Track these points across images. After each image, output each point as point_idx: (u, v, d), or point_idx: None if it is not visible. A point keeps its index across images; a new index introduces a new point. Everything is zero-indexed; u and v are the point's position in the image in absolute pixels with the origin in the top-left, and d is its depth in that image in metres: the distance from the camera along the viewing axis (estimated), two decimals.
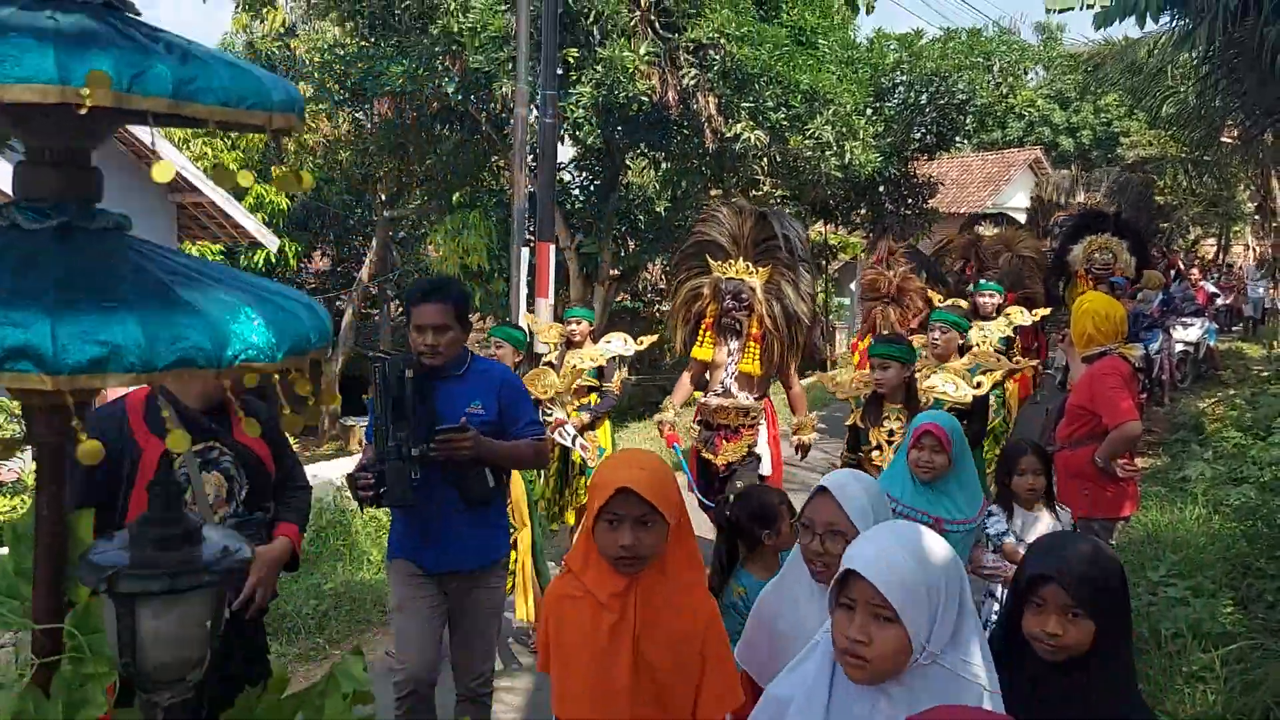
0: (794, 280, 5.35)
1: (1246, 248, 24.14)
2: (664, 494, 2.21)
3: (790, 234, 5.41)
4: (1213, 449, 7.76)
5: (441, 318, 3.38)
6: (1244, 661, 4.43)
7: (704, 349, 5.38)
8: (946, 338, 5.84)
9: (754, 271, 5.30)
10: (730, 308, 5.24)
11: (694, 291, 5.52)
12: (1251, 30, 7.97)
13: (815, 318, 5.77)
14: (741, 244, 5.41)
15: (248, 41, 18.47)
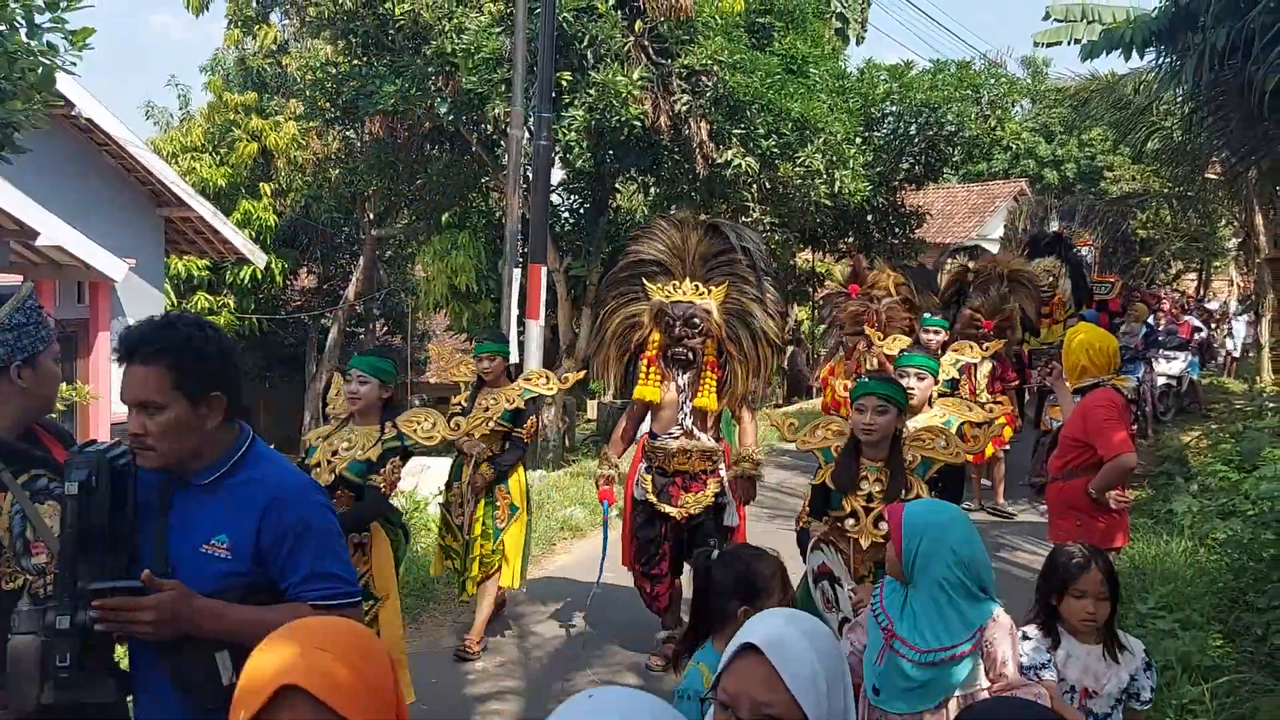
0: (759, 296, 4.76)
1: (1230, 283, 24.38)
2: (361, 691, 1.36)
3: (749, 245, 4.81)
4: (1198, 482, 7.79)
5: (149, 389, 2.03)
6: (1233, 695, 4.43)
7: (650, 387, 4.70)
8: (924, 385, 4.80)
9: (706, 291, 4.69)
10: (681, 335, 4.63)
11: (630, 321, 4.86)
12: (1238, 69, 8.08)
13: (788, 337, 5.35)
14: (687, 261, 4.79)
15: (239, 58, 18.48)
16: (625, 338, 4.88)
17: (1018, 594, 6.73)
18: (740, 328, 4.71)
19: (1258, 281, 15.50)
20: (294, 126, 17.10)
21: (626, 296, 4.90)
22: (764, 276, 4.79)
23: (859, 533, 3.72)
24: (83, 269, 10.16)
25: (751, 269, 4.76)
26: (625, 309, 4.89)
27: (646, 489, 4.76)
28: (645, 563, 4.91)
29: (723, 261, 4.76)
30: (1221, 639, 5.00)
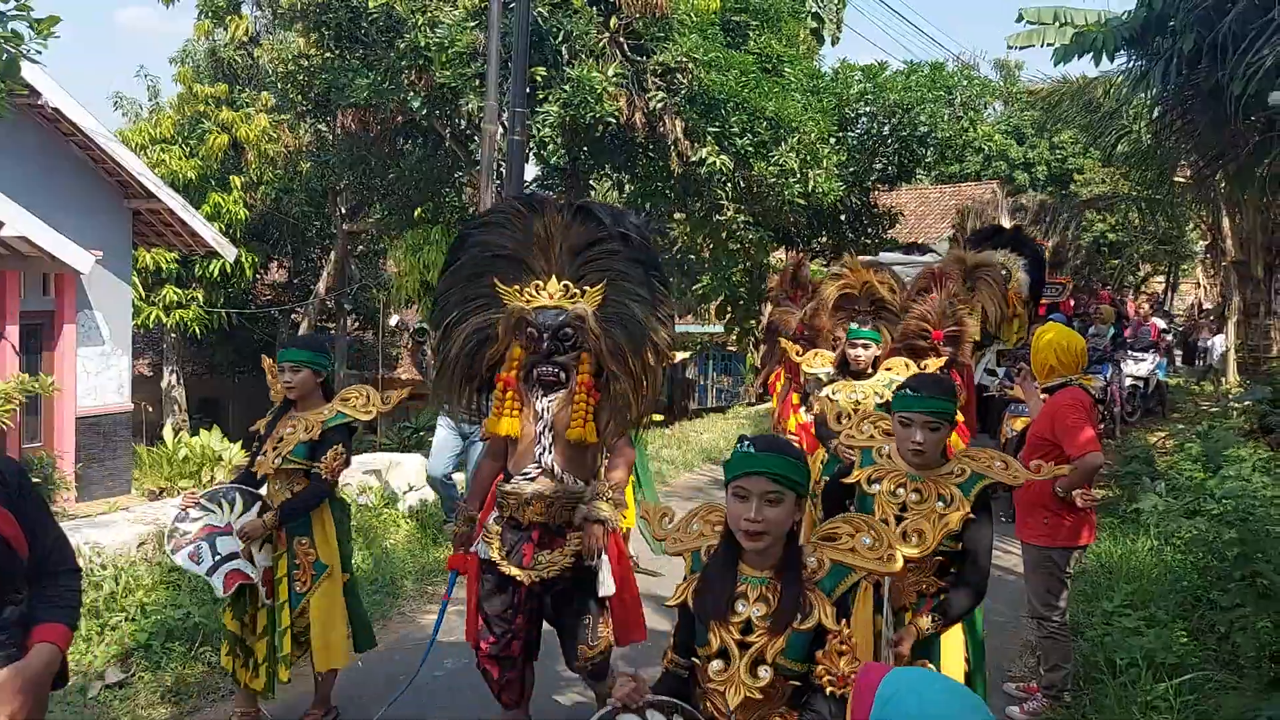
0: (646, 297, 3.70)
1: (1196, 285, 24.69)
2: None
3: (629, 231, 3.73)
4: (1165, 482, 7.87)
5: None
6: (1197, 692, 4.48)
7: (508, 418, 3.66)
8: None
9: (579, 292, 3.66)
10: (549, 351, 3.62)
11: (480, 334, 3.79)
12: (1206, 73, 8.18)
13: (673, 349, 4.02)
14: (553, 255, 3.73)
15: (210, 49, 18.28)
16: (474, 356, 3.80)
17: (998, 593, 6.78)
18: (624, 337, 3.65)
19: (1224, 284, 15.70)
20: (265, 119, 16.94)
21: (474, 302, 3.82)
22: (651, 271, 3.77)
23: (725, 683, 2.44)
24: (48, 261, 10.02)
25: (636, 263, 3.72)
26: (473, 318, 3.80)
27: (491, 546, 3.67)
28: (493, 642, 3.76)
29: (598, 254, 3.71)
30: (1186, 636, 5.05)
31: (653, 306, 3.71)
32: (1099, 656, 5.04)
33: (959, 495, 3.17)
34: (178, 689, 4.65)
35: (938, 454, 3.25)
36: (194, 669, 4.82)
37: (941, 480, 3.21)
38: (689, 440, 12.84)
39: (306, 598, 4.16)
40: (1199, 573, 5.95)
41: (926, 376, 3.92)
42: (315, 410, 4.20)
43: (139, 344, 17.70)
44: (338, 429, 4.16)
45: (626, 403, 3.67)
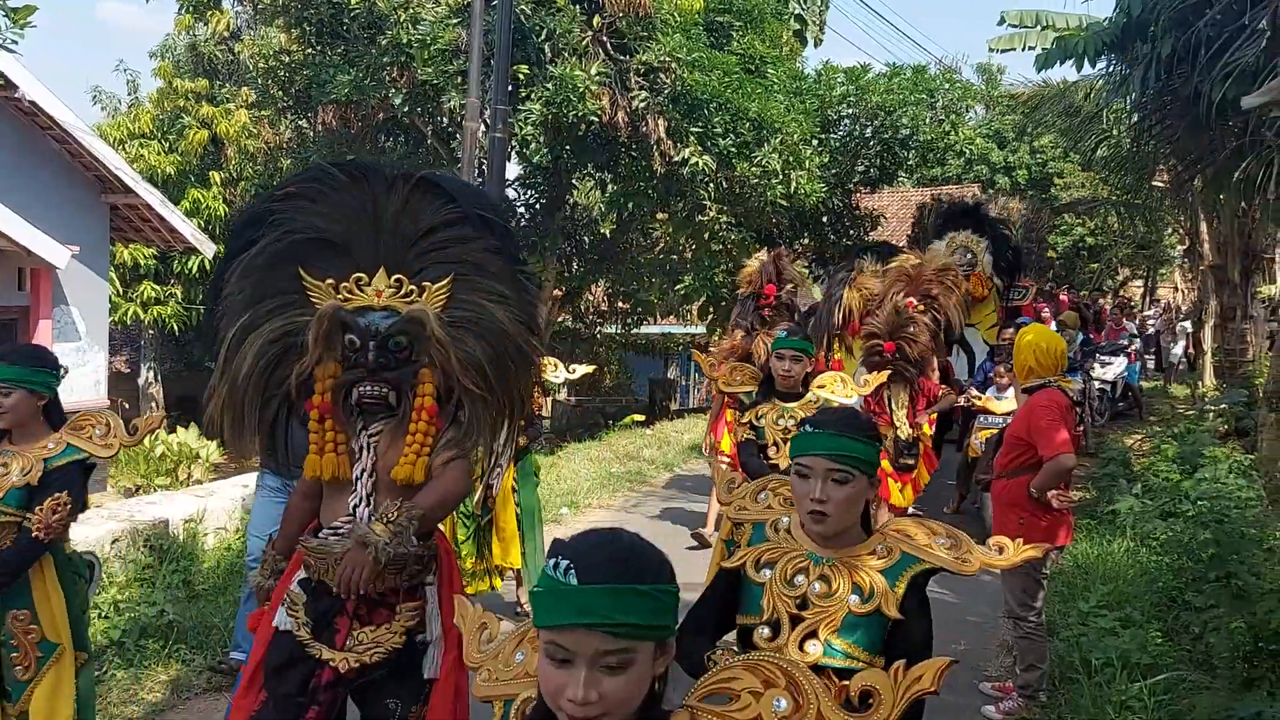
0: (509, 296, 2.93)
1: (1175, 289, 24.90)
2: None
3: (491, 213, 3.00)
4: (1141, 484, 7.93)
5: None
6: (1171, 692, 4.51)
7: (330, 455, 2.85)
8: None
9: (416, 289, 2.85)
10: (375, 365, 2.79)
11: (279, 344, 2.90)
12: (1185, 78, 8.25)
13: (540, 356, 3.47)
14: (382, 240, 2.89)
15: (191, 44, 18.14)
16: (273, 371, 2.91)
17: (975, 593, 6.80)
18: (480, 347, 2.87)
19: (1201, 289, 15.83)
20: (246, 114, 16.83)
21: (272, 300, 2.90)
22: (511, 260, 2.99)
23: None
24: (23, 255, 9.92)
25: (497, 253, 2.95)
26: (271, 322, 2.89)
27: (297, 617, 2.81)
28: None
29: (445, 241, 2.91)
30: (1161, 637, 5.09)
31: (519, 309, 2.93)
32: (1075, 656, 5.07)
33: (882, 586, 2.29)
34: (151, 687, 4.62)
35: (850, 520, 2.35)
36: (169, 667, 4.78)
37: (858, 564, 2.33)
38: (669, 440, 12.85)
39: (31, 687, 3.25)
40: (1174, 574, 6.00)
41: (834, 410, 2.97)
42: (37, 444, 3.27)
43: (116, 341, 17.54)
44: (65, 469, 3.25)
45: (480, 432, 2.92)
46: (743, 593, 2.39)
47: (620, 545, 1.43)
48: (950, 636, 5.96)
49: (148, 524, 5.74)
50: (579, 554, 1.39)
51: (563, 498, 9.02)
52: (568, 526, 8.36)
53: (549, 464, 10.70)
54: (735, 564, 2.45)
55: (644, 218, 13.80)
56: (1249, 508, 5.58)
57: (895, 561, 2.30)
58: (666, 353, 24.80)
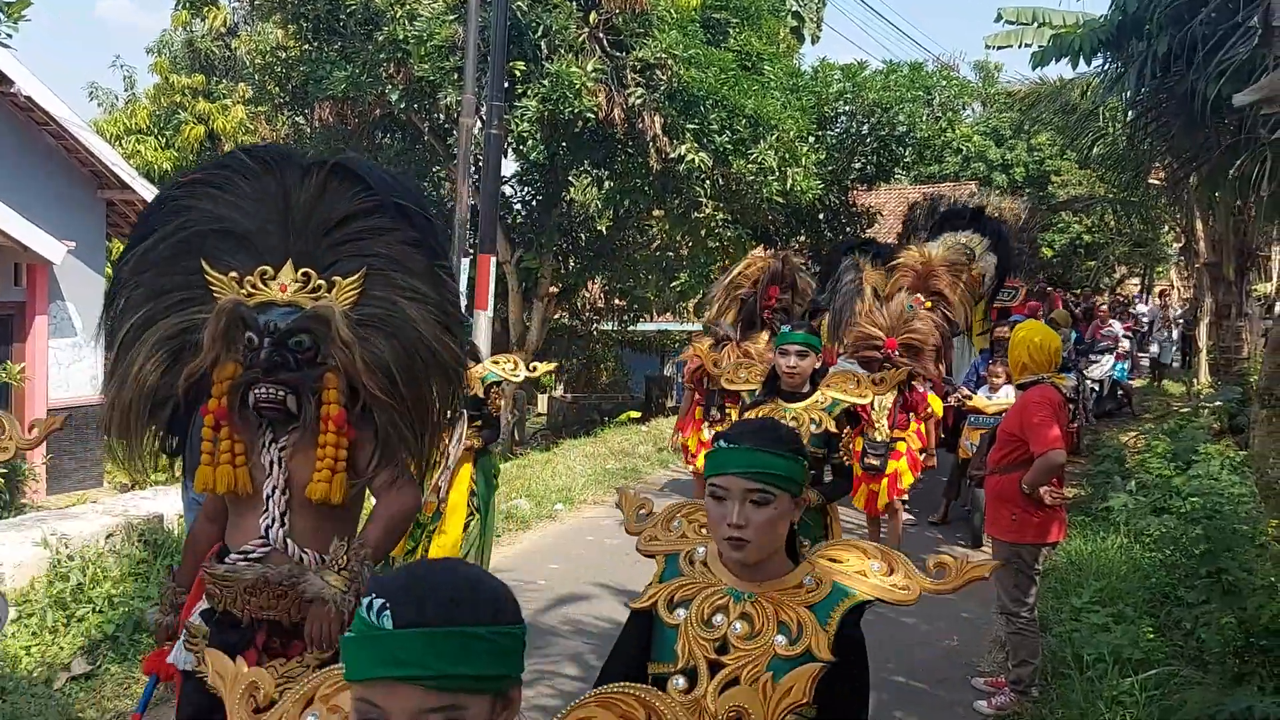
0: (427, 295, 2.65)
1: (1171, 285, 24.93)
2: None
3: (410, 203, 2.69)
4: (1135, 480, 7.95)
5: None
6: (1162, 687, 4.52)
7: (225, 468, 2.55)
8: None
9: (325, 284, 2.57)
10: (272, 366, 2.48)
11: (176, 342, 2.64)
12: (1180, 76, 8.26)
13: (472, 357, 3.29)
14: (291, 231, 2.62)
15: (187, 40, 18.14)
16: (168, 371, 2.63)
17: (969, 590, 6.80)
18: (391, 350, 2.58)
19: (1197, 286, 15.86)
20: (242, 110, 16.84)
21: (171, 296, 2.65)
22: (430, 254, 2.71)
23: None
24: (19, 250, 9.92)
25: (415, 247, 2.66)
26: (168, 319, 2.64)
27: (197, 651, 2.50)
28: None
29: (358, 232, 2.64)
30: (1153, 633, 5.11)
31: (439, 309, 2.66)
32: (1066, 652, 5.09)
33: (812, 624, 1.95)
34: (144, 681, 4.62)
35: (772, 545, 1.97)
36: None
37: (785, 598, 1.98)
38: (665, 437, 12.86)
39: None
40: (1167, 570, 6.01)
41: (751, 422, 2.66)
42: None
43: None
44: None
45: (398, 443, 2.63)
46: (655, 637, 2.01)
47: (448, 580, 1.17)
48: (943, 633, 5.99)
49: (142, 519, 5.74)
50: (396, 591, 1.13)
51: (558, 494, 9.02)
52: (562, 523, 8.37)
53: (543, 460, 10.71)
54: (644, 604, 2.06)
55: (640, 215, 13.80)
56: (1241, 504, 5.60)
57: (826, 595, 1.93)
58: (663, 350, 24.77)
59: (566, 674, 4.99)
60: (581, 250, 14.52)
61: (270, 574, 2.49)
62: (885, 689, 5.05)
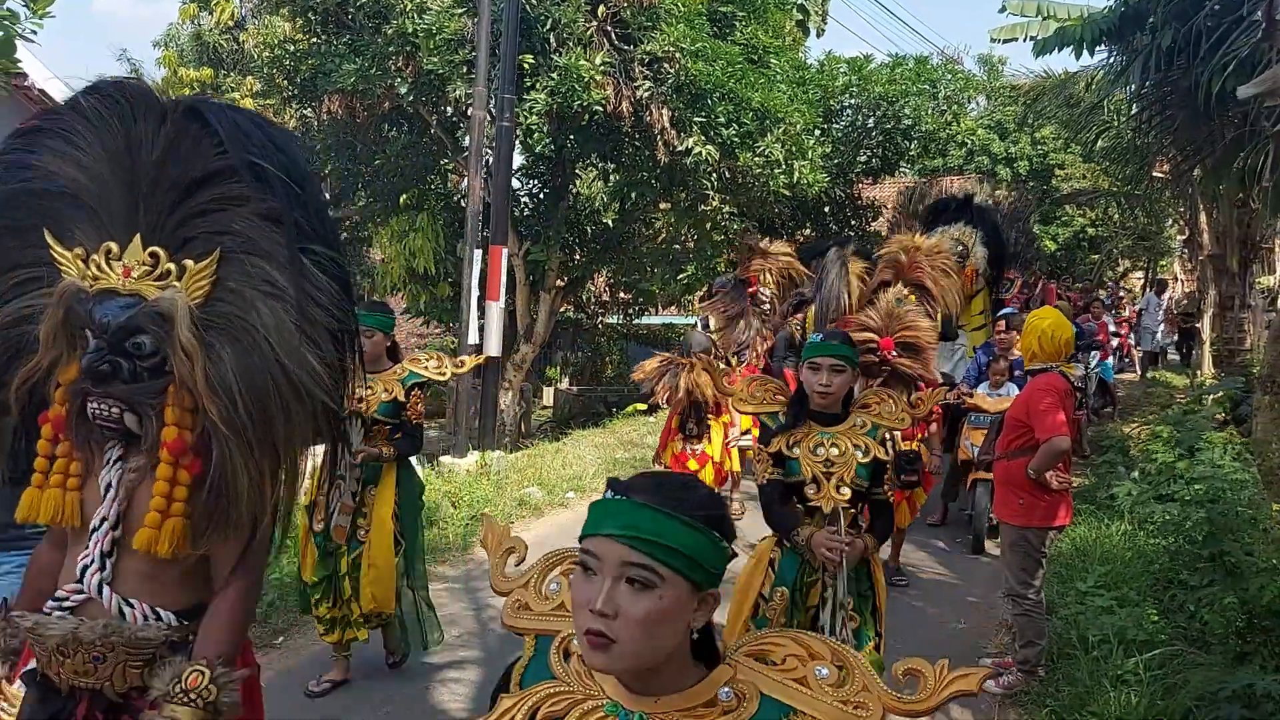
0: (275, 284, 2.02)
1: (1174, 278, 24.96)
2: None
3: (270, 159, 2.03)
4: (1139, 469, 8.04)
5: None
6: (1166, 667, 4.63)
7: (54, 490, 2.06)
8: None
9: (175, 269, 2.00)
10: (98, 375, 1.97)
11: (18, 326, 2.10)
12: (1185, 69, 8.34)
13: None
14: (137, 197, 2.03)
15: (195, 33, 18.21)
16: (7, 368, 2.11)
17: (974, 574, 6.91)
18: (235, 365, 1.99)
19: (1200, 279, 15.92)
20: (250, 104, 16.90)
21: (18, 272, 2.11)
22: (299, 230, 2.03)
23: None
24: None
25: (272, 221, 2.02)
26: (10, 303, 2.11)
27: None
28: None
29: (215, 200, 2.02)
30: (1156, 615, 5.21)
31: (298, 311, 1.99)
32: (1072, 634, 5.19)
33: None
34: None
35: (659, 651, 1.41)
36: None
37: None
38: None
39: None
40: (1170, 556, 6.10)
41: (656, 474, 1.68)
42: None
43: None
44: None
45: (238, 486, 1.98)
46: None
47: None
48: (950, 615, 6.09)
49: None
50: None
51: (569, 482, 9.14)
52: (575, 510, 8.48)
53: (553, 450, 10.81)
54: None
55: (646, 207, 13.88)
56: (1243, 490, 5.68)
57: (751, 717, 1.42)
58: (668, 343, 24.85)
59: None
60: (588, 243, 14.60)
61: (82, 631, 1.95)
62: (894, 669, 5.16)
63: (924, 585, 6.71)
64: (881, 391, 3.81)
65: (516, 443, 12.96)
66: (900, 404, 3.72)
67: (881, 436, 3.58)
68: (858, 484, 3.50)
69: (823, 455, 3.53)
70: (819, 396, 3.56)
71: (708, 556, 1.38)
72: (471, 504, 7.89)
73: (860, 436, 3.56)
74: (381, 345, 4.50)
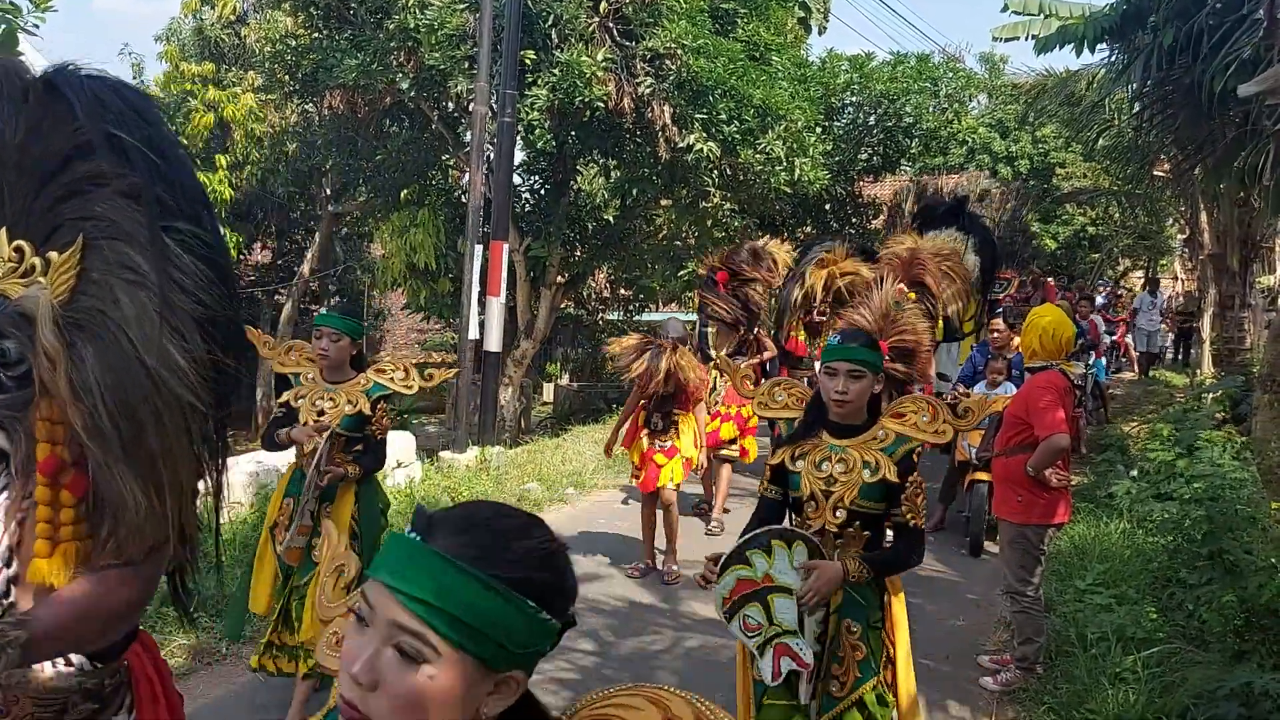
0: (141, 270, 1.73)
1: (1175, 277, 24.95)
2: None
3: (124, 119, 1.79)
4: (1139, 467, 8.04)
5: None
6: (1164, 665, 4.64)
7: None
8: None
9: (38, 263, 1.74)
10: None
11: None
12: (1186, 68, 8.34)
13: None
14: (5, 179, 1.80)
15: (197, 28, 18.18)
16: None
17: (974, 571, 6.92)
18: (99, 369, 1.72)
19: (1200, 278, 15.92)
20: (252, 98, 16.88)
21: None
22: (161, 207, 1.79)
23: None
24: None
25: (131, 200, 1.78)
26: None
27: None
28: None
29: (78, 181, 1.80)
30: (1155, 613, 5.21)
31: (161, 300, 1.73)
32: (1070, 631, 5.20)
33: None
34: (173, 651, 4.74)
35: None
36: (189, 634, 4.91)
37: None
38: None
39: None
40: (1169, 554, 6.11)
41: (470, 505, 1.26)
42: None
43: None
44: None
45: (124, 504, 1.73)
46: None
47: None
48: (949, 612, 6.10)
49: None
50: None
51: (568, 478, 9.15)
52: (574, 506, 8.49)
53: (553, 446, 10.82)
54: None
55: (648, 204, 13.87)
56: (1243, 488, 5.69)
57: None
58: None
59: (582, 649, 5.14)
60: (589, 239, 14.61)
61: None
62: None
63: (922, 582, 6.71)
64: (921, 399, 3.35)
65: (516, 439, 12.97)
66: (942, 413, 3.22)
67: (906, 452, 3.12)
68: (860, 506, 3.08)
69: (826, 471, 3.14)
70: (835, 405, 3.17)
71: (513, 632, 1.07)
72: (470, 499, 7.90)
73: (873, 452, 3.12)
74: (346, 352, 4.08)
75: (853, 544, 3.12)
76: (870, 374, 3.17)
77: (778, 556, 2.97)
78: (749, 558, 2.98)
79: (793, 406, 3.43)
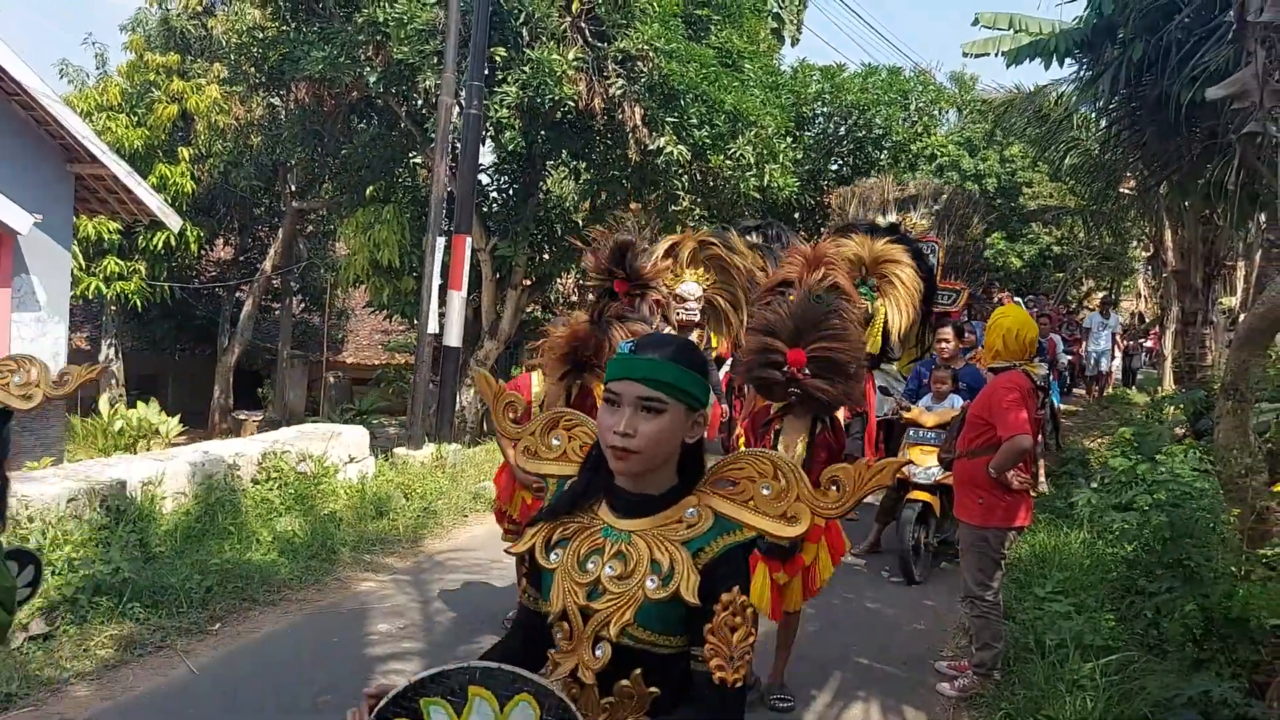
0: None
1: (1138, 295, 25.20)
2: None
3: None
4: (1099, 478, 8.03)
5: None
6: (1122, 672, 4.57)
7: None
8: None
9: None
10: None
11: None
12: (1154, 82, 8.36)
13: None
14: None
15: (163, 18, 17.91)
16: None
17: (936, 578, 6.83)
18: None
19: (1164, 295, 16.05)
20: (217, 90, 16.64)
21: None
22: None
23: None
24: None
25: None
26: None
27: None
28: None
29: None
30: (1114, 621, 5.16)
31: None
32: (1029, 638, 5.14)
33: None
34: (102, 642, 4.56)
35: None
36: (121, 625, 4.73)
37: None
38: None
39: None
40: (1129, 565, 6.07)
41: None
42: None
43: (77, 317, 17.25)
44: None
45: None
46: None
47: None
48: (908, 619, 6.02)
49: (105, 485, 5.65)
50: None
51: None
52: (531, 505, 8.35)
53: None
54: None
55: (617, 207, 13.77)
56: (1203, 497, 5.66)
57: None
58: None
59: None
60: (557, 241, 14.49)
61: None
62: (850, 669, 5.08)
63: (881, 588, 6.64)
64: (765, 457, 1.86)
65: (477, 439, 12.79)
66: (796, 485, 1.81)
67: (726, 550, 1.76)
68: (636, 638, 1.75)
69: (592, 573, 1.79)
70: (614, 456, 1.79)
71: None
72: (424, 496, 7.74)
73: (671, 545, 1.77)
74: None
75: (627, 707, 1.75)
76: (681, 407, 1.81)
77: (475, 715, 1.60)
78: (422, 711, 1.68)
79: (573, 457, 2.01)
